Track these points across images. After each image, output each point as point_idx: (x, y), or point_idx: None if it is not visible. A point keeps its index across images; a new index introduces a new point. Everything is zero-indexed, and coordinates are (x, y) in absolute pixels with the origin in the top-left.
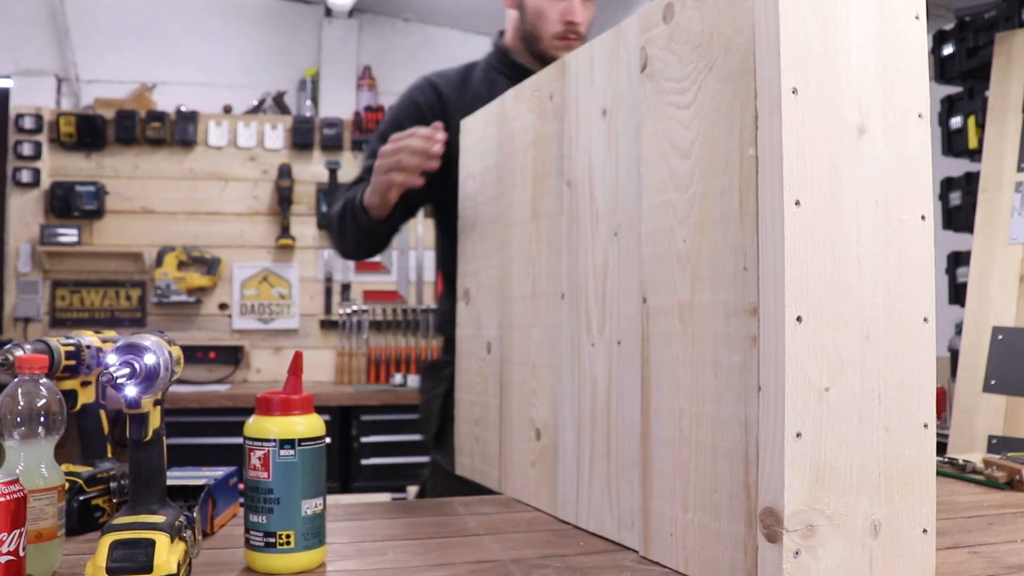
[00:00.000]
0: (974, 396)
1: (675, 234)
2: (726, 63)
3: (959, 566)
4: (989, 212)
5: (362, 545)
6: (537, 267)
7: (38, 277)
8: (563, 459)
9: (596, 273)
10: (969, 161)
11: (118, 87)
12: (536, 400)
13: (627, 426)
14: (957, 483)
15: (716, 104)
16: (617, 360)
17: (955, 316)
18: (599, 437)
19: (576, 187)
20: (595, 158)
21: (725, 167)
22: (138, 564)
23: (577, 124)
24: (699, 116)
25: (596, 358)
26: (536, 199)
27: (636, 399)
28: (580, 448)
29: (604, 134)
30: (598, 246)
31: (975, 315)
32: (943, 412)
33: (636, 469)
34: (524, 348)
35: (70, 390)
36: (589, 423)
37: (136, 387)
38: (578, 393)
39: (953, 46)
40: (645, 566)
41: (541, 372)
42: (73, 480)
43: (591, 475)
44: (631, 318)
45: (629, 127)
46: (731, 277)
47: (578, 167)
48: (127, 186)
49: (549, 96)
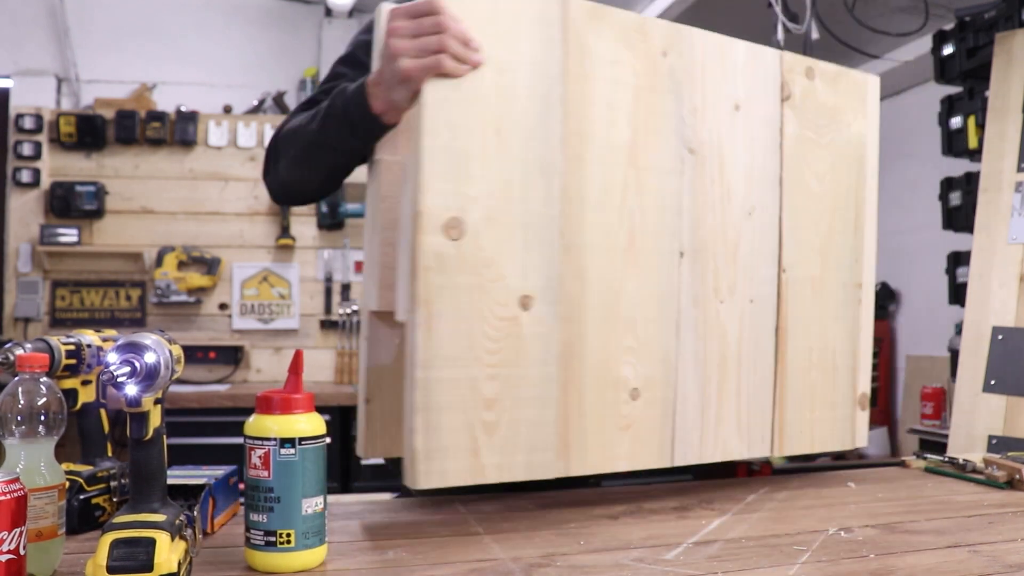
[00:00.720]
0: (974, 396)
1: (811, 231)
2: (851, 128)
3: (959, 565)
4: (989, 212)
5: (362, 544)
6: (636, 220)
7: (38, 277)
8: (681, 410)
9: (727, 242)
10: (969, 161)
11: (118, 87)
12: (634, 358)
13: (757, 367)
14: (957, 482)
15: (843, 152)
16: (750, 315)
17: (955, 316)
18: (729, 382)
19: (702, 158)
20: (725, 142)
21: (846, 195)
22: (138, 563)
23: (703, 102)
24: (831, 156)
25: (725, 314)
26: (637, 150)
27: (770, 344)
28: (707, 395)
29: (738, 127)
30: (729, 219)
31: (975, 315)
32: (943, 412)
33: (768, 396)
34: (608, 304)
35: (70, 389)
36: (716, 371)
37: (136, 386)
38: (703, 346)
39: (953, 46)
40: (646, 565)
41: (642, 328)
42: (73, 479)
43: (718, 415)
44: (763, 281)
45: (763, 132)
46: (848, 265)
47: (704, 141)
48: (127, 186)
49: (662, 52)
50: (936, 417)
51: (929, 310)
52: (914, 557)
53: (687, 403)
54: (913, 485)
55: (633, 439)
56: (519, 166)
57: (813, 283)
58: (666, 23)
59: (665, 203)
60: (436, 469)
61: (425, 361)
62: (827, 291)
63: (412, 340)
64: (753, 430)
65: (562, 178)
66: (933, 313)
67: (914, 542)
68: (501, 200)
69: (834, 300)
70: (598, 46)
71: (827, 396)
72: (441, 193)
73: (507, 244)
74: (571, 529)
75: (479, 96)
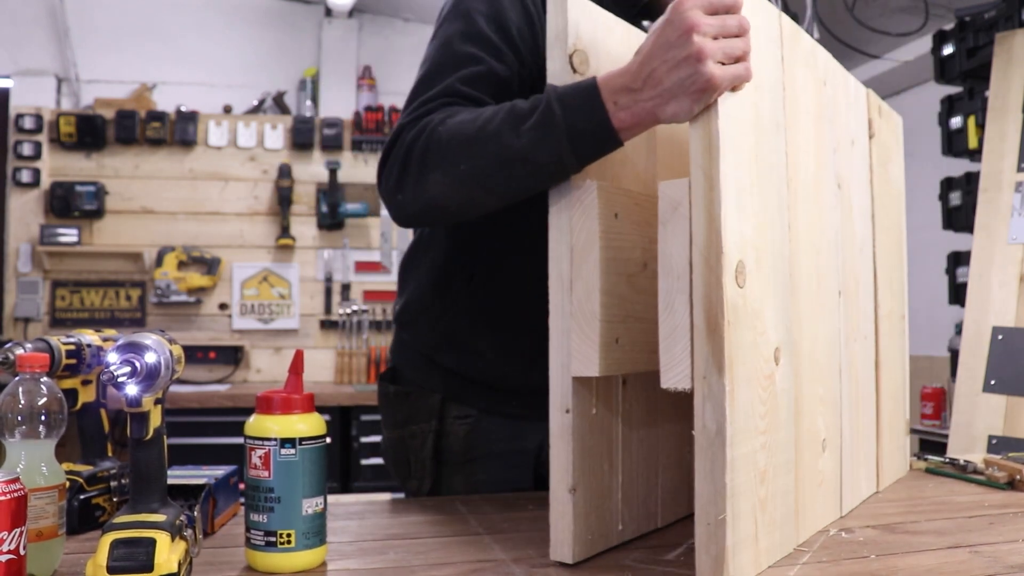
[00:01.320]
0: (974, 396)
1: (887, 266)
2: (896, 165)
3: (960, 566)
4: (989, 212)
5: (362, 544)
6: (821, 259)
7: (38, 277)
8: (846, 457)
9: (855, 279)
10: (969, 161)
11: (118, 87)
12: (823, 408)
13: (868, 403)
14: (957, 483)
15: (893, 189)
16: (864, 352)
17: (955, 316)
18: (860, 420)
19: (845, 193)
20: (850, 177)
21: (897, 230)
22: (139, 563)
23: (842, 135)
24: (891, 192)
25: (857, 353)
26: (818, 184)
27: (871, 380)
28: (854, 438)
29: (854, 161)
30: (854, 256)
31: (975, 315)
32: (943, 412)
33: (872, 432)
34: (811, 352)
35: (71, 389)
36: (855, 412)
37: (137, 386)
38: (851, 387)
39: (953, 46)
40: (646, 566)
41: (825, 375)
42: (74, 479)
43: (855, 456)
44: (868, 318)
45: (863, 167)
46: (900, 296)
47: (843, 176)
48: (127, 186)
49: (824, 81)
50: (936, 417)
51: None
52: (915, 558)
53: (847, 449)
54: (913, 486)
55: (824, 494)
56: (773, 200)
57: (889, 318)
58: (821, 49)
59: (831, 240)
60: (738, 565)
61: (733, 437)
62: (893, 324)
63: (713, 412)
64: (869, 467)
65: (788, 214)
66: (933, 313)
67: (915, 543)
68: (763, 240)
69: (895, 332)
70: (797, 71)
71: (895, 426)
72: (733, 232)
73: (766, 290)
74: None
75: (743, 119)
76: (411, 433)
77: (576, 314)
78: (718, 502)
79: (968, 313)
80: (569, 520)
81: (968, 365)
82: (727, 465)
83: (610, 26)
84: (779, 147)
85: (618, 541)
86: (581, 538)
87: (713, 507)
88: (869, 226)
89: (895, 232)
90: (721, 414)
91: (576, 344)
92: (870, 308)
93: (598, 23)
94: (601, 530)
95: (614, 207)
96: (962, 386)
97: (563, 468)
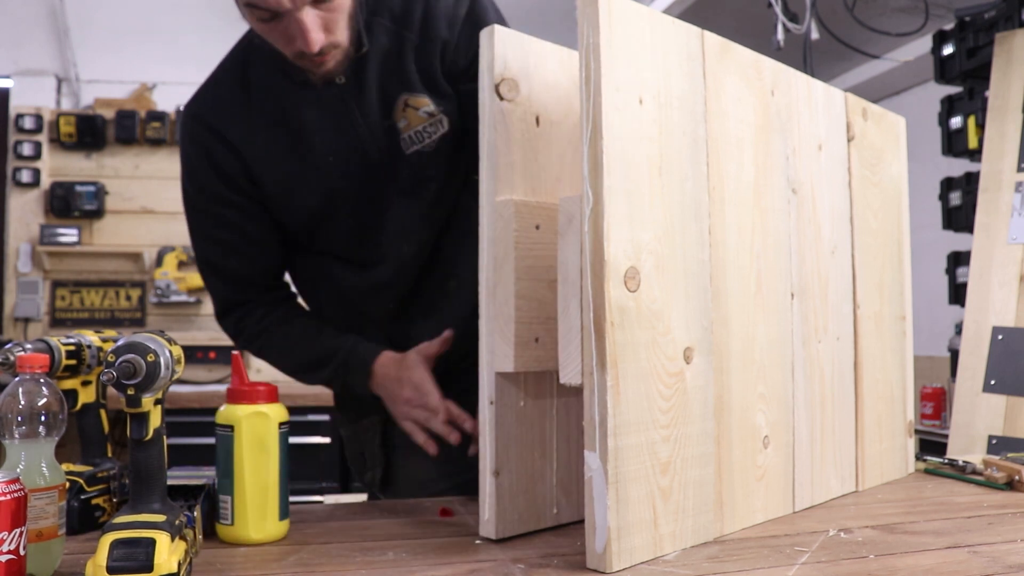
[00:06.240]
0: (974, 396)
1: (873, 267)
2: (891, 167)
3: (959, 566)
4: (989, 212)
5: (363, 545)
6: (762, 262)
7: (38, 277)
8: (799, 454)
9: (820, 280)
10: (969, 161)
11: (118, 87)
12: (764, 405)
13: (843, 403)
14: (957, 484)
15: (888, 190)
16: (837, 353)
17: (955, 316)
18: (827, 420)
19: (801, 198)
20: (815, 182)
21: (892, 232)
22: (138, 563)
23: (799, 142)
24: (881, 194)
25: (823, 354)
26: (760, 190)
27: (850, 381)
28: (813, 436)
29: (822, 166)
30: (820, 258)
31: (975, 315)
32: (943, 412)
33: (852, 432)
34: (746, 351)
35: (71, 389)
36: (819, 411)
37: (136, 386)
38: (809, 386)
39: (953, 46)
40: (645, 566)
41: (769, 374)
42: (74, 479)
43: (822, 455)
44: (844, 319)
45: (838, 170)
46: (897, 299)
47: (802, 181)
48: (127, 186)
49: (771, 91)
50: (936, 417)
51: (929, 310)
52: (914, 558)
53: (801, 447)
54: (913, 486)
55: (766, 489)
56: (678, 209)
57: (876, 318)
58: (771, 61)
59: (780, 244)
60: (626, 547)
61: (615, 428)
62: (884, 325)
63: (596, 405)
64: (843, 467)
65: (709, 221)
66: (933, 313)
67: (914, 543)
68: (666, 246)
69: (889, 333)
70: (727, 83)
71: (890, 427)
72: (620, 241)
73: (672, 293)
74: (571, 530)
75: (644, 133)
76: (364, 427)
77: (496, 316)
78: (599, 487)
79: (968, 313)
80: (493, 500)
81: (968, 365)
82: (608, 454)
83: (544, 54)
84: (697, 158)
85: (554, 523)
86: (505, 517)
87: (598, 492)
88: (846, 228)
89: (888, 233)
90: (604, 407)
91: (497, 343)
92: (847, 309)
93: (529, 52)
94: (532, 511)
95: (535, 220)
96: (962, 386)
97: (487, 453)
